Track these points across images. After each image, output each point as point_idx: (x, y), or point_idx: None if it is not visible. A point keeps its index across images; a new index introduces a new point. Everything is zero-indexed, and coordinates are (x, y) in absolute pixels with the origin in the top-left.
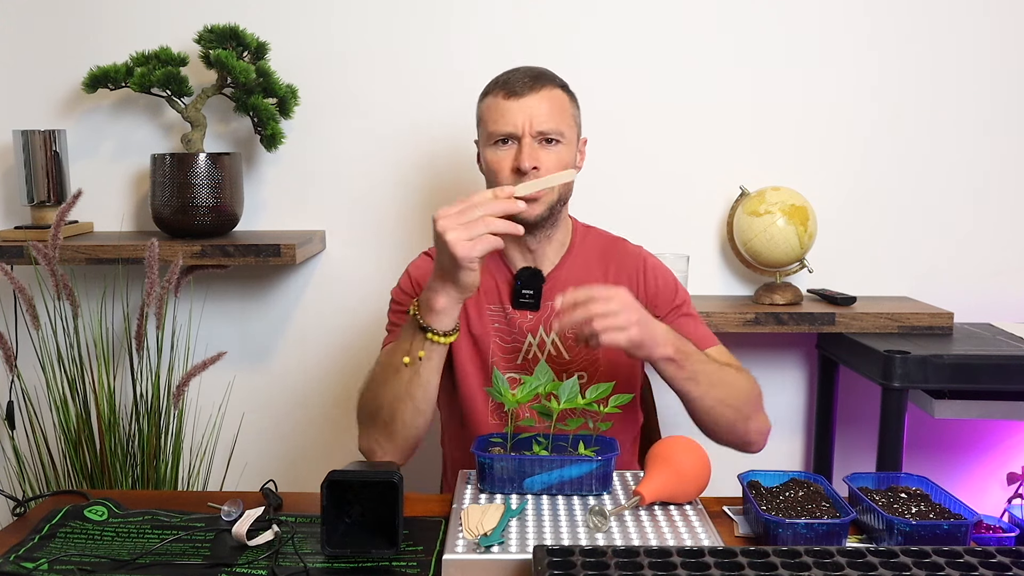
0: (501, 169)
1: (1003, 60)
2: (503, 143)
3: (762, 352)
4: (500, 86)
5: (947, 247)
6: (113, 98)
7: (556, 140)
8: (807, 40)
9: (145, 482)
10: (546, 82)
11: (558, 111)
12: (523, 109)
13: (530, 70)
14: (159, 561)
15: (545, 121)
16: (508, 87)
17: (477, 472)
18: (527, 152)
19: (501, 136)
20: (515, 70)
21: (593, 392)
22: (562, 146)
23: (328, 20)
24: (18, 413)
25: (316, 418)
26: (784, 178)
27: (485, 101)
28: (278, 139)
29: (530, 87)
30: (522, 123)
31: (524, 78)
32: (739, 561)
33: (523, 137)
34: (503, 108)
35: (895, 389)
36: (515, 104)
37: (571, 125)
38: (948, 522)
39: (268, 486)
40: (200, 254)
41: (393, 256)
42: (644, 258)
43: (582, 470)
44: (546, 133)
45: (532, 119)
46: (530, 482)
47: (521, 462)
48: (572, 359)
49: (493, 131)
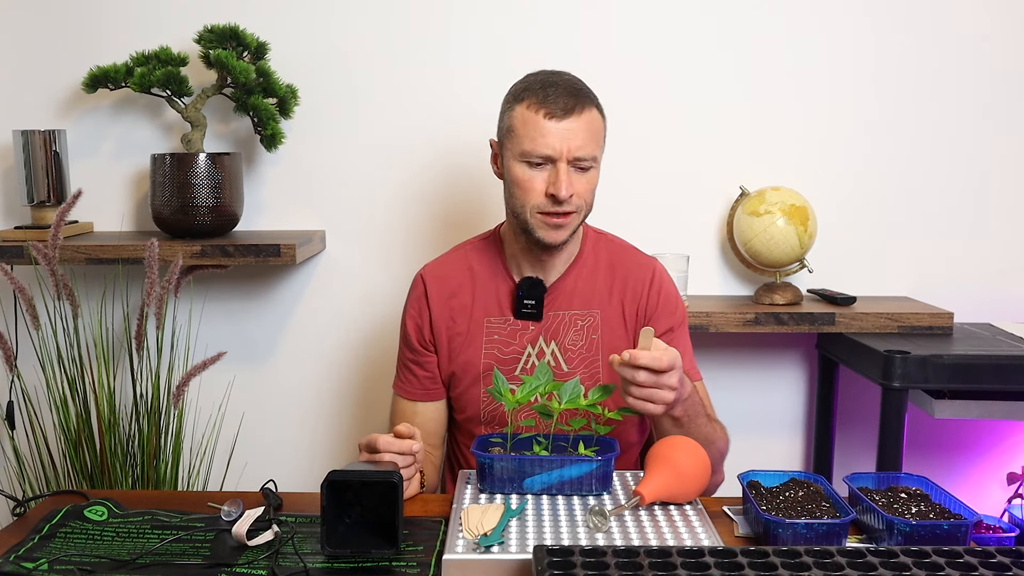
0: (533, 189)
1: (1003, 60)
2: (537, 164)
3: (762, 352)
4: (539, 102)
5: (947, 247)
6: (113, 98)
7: (590, 167)
8: (807, 40)
9: (145, 482)
10: (585, 102)
11: (594, 136)
12: (562, 133)
13: (569, 86)
14: (159, 561)
15: (582, 147)
16: (548, 106)
17: (477, 472)
18: (564, 180)
19: (537, 157)
20: (554, 83)
21: (596, 393)
22: (594, 171)
23: (328, 20)
24: (18, 413)
25: (316, 418)
26: (784, 178)
27: (519, 112)
28: (278, 139)
29: (572, 107)
30: (560, 148)
31: (565, 97)
32: (739, 561)
33: (560, 161)
34: (542, 128)
35: (895, 389)
36: (554, 126)
37: (602, 147)
38: (948, 522)
39: (268, 486)
40: (200, 254)
41: (393, 256)
42: (653, 269)
43: (582, 470)
44: (582, 160)
45: (570, 145)
46: (530, 482)
47: (521, 462)
48: (572, 371)
49: (529, 150)
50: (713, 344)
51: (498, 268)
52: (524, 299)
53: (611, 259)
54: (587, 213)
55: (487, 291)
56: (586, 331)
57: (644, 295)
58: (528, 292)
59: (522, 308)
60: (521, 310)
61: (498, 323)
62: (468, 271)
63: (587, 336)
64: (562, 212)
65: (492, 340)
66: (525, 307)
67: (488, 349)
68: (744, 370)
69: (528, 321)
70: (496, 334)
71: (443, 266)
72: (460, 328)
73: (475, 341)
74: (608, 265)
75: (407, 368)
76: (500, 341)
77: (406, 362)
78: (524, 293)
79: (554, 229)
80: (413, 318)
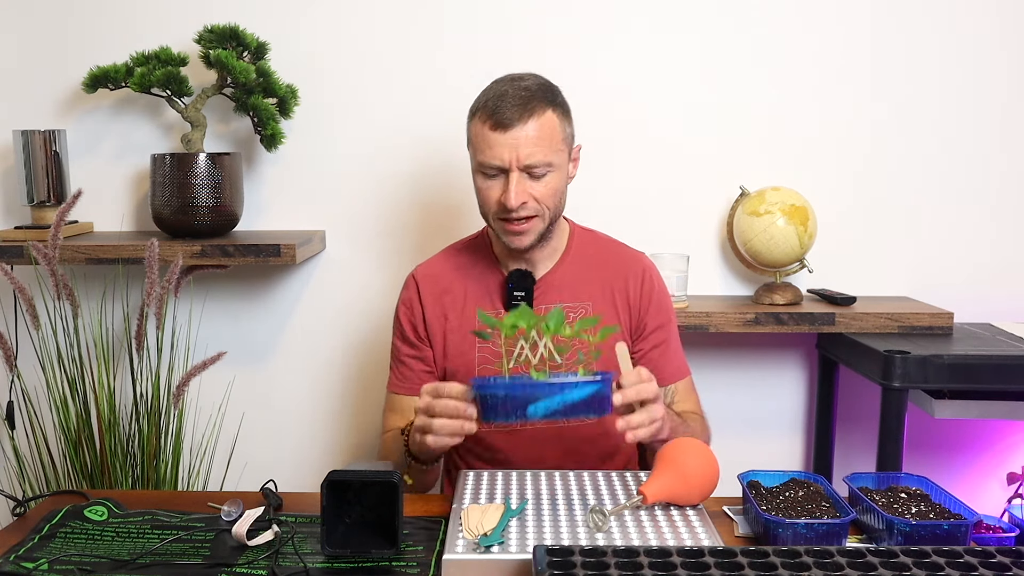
0: (489, 199)
1: (1003, 60)
2: (492, 175)
3: (762, 352)
4: (488, 114)
5: (947, 247)
6: (113, 98)
7: (545, 172)
8: (807, 40)
9: (145, 482)
10: (535, 107)
11: (547, 140)
12: (510, 143)
13: (519, 94)
14: (159, 561)
15: (532, 155)
16: (496, 117)
17: (479, 407)
18: (513, 190)
19: (490, 169)
20: (504, 92)
21: (581, 324)
22: (552, 174)
23: (328, 20)
24: (18, 413)
25: (316, 418)
26: (784, 178)
27: (474, 125)
28: (278, 139)
29: (518, 117)
30: (509, 158)
31: (513, 105)
32: (739, 561)
33: (511, 171)
34: (490, 140)
35: (895, 389)
36: (502, 137)
37: (561, 149)
38: (948, 522)
39: (268, 486)
40: (200, 254)
41: (392, 256)
42: (644, 266)
43: (584, 392)
44: (534, 167)
45: (519, 154)
46: (533, 409)
47: (524, 387)
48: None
49: (481, 161)
50: (713, 344)
51: (487, 263)
52: (514, 291)
53: (600, 253)
54: (554, 215)
55: (477, 286)
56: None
57: (637, 290)
58: (518, 284)
59: (512, 300)
60: (511, 302)
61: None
62: (458, 268)
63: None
64: (517, 218)
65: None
66: (515, 298)
67: (481, 343)
68: (744, 370)
69: None
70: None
71: (433, 265)
72: (453, 324)
73: (468, 336)
74: (598, 259)
75: (403, 364)
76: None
77: (402, 358)
78: (514, 284)
79: (515, 235)
80: (407, 315)
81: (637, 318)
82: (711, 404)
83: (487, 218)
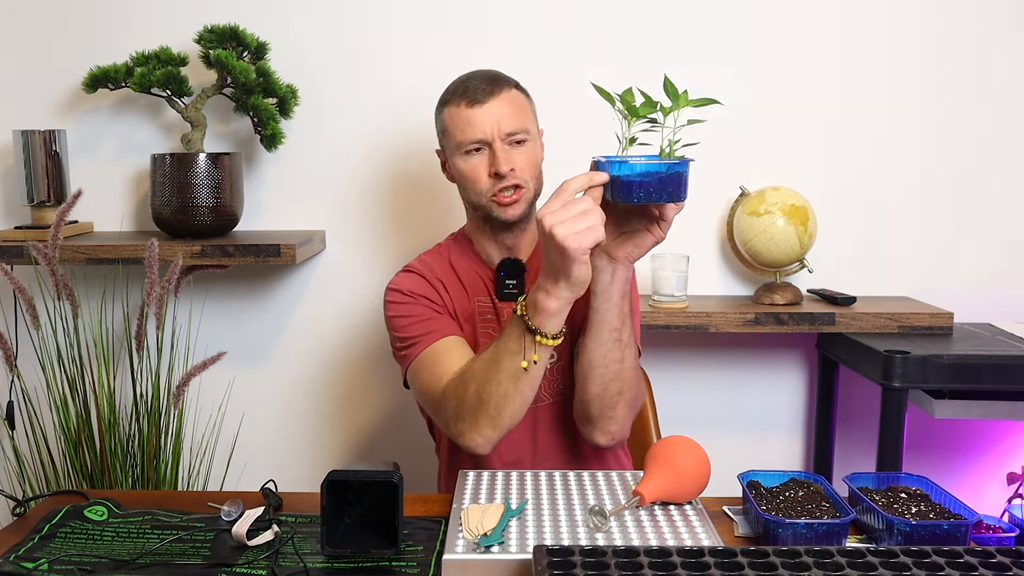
0: (478, 177)
1: (1002, 60)
2: (475, 151)
3: (762, 352)
4: (460, 95)
5: (947, 247)
6: (113, 98)
7: (524, 139)
8: (807, 40)
9: (145, 482)
10: (503, 84)
11: (520, 111)
12: (488, 114)
13: (485, 75)
14: (159, 561)
15: (511, 122)
16: (469, 95)
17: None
18: (502, 156)
19: (472, 144)
20: (469, 78)
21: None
22: (529, 143)
23: (328, 20)
24: (18, 413)
25: (316, 418)
26: (784, 178)
27: (447, 111)
28: (278, 139)
29: (490, 92)
30: (490, 129)
31: (482, 84)
32: (739, 561)
33: (493, 142)
34: (468, 116)
35: (895, 389)
36: (479, 111)
37: (532, 121)
38: (948, 522)
39: (268, 486)
40: (200, 254)
41: (393, 256)
42: None
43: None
44: (514, 133)
45: (499, 123)
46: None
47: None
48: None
49: (462, 140)
50: (713, 344)
51: (474, 259)
52: (506, 279)
53: None
54: (537, 189)
55: (469, 280)
56: None
57: None
58: (509, 273)
59: (504, 289)
60: (503, 291)
61: (486, 305)
62: (449, 265)
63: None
64: (510, 187)
65: (485, 320)
66: (507, 287)
67: (483, 328)
68: (744, 370)
69: (512, 302)
70: (488, 313)
71: (426, 262)
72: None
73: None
74: None
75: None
76: (492, 321)
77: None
78: (506, 274)
79: (508, 206)
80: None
81: None
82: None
83: (477, 199)
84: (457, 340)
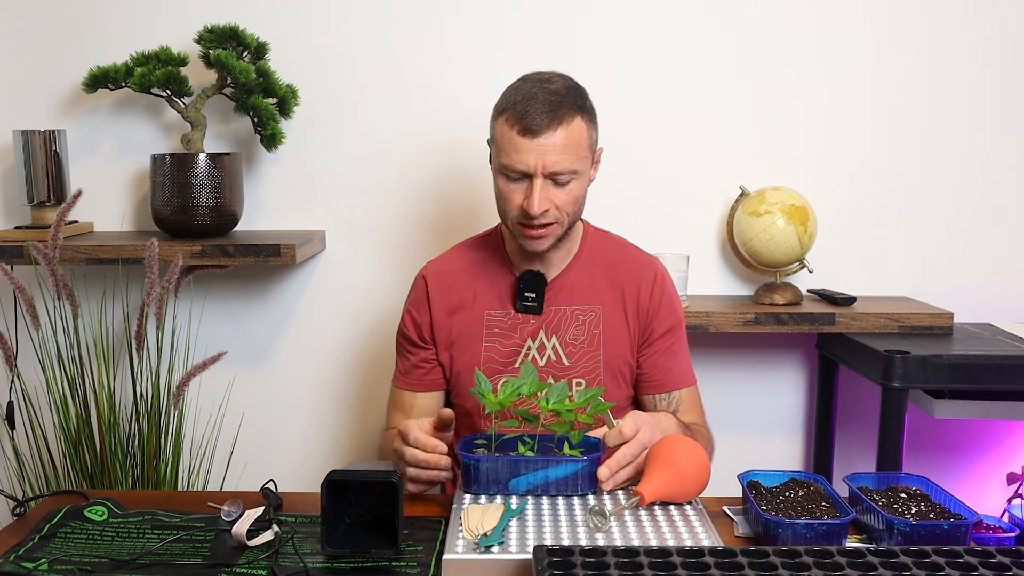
0: (511, 201)
1: (1002, 60)
2: (515, 179)
3: (762, 352)
4: (516, 118)
5: (947, 247)
6: (113, 98)
7: (569, 180)
8: (807, 40)
9: (145, 482)
10: (564, 114)
11: (574, 148)
12: (537, 150)
13: (548, 99)
14: (159, 561)
15: (558, 163)
16: (524, 122)
17: (463, 474)
18: (536, 197)
19: (513, 173)
20: (532, 96)
21: (582, 396)
22: (575, 182)
23: (328, 20)
24: (18, 413)
25: (316, 418)
26: (784, 178)
27: (500, 125)
28: (278, 139)
29: (547, 124)
30: (535, 164)
31: (542, 112)
32: (739, 561)
33: (536, 177)
34: (517, 144)
35: (895, 389)
36: (529, 143)
37: (586, 156)
38: (948, 522)
39: (268, 486)
40: (200, 254)
41: (393, 256)
42: (656, 270)
43: (568, 470)
44: (559, 175)
45: (545, 161)
46: (515, 483)
47: (506, 463)
48: (572, 365)
49: (506, 164)
50: (713, 344)
51: (499, 262)
52: (525, 291)
53: (612, 256)
54: (573, 220)
55: (489, 285)
56: (588, 326)
57: (647, 294)
58: (529, 284)
59: (523, 301)
60: (522, 303)
61: (499, 316)
62: (470, 265)
63: (589, 331)
64: (538, 224)
65: (493, 333)
66: (526, 299)
67: (488, 342)
68: (744, 370)
69: (529, 314)
70: (497, 327)
71: (445, 262)
72: (461, 326)
73: (476, 336)
74: (610, 262)
75: (406, 360)
76: (500, 334)
77: (405, 355)
78: (525, 285)
79: (534, 240)
80: (413, 316)
81: (645, 322)
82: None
83: (505, 220)
84: (407, 398)
